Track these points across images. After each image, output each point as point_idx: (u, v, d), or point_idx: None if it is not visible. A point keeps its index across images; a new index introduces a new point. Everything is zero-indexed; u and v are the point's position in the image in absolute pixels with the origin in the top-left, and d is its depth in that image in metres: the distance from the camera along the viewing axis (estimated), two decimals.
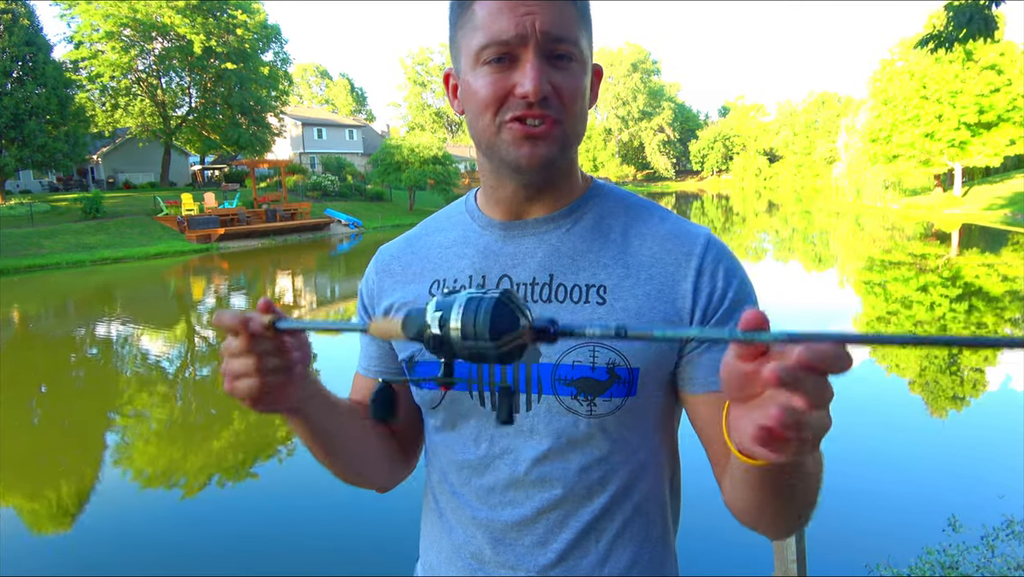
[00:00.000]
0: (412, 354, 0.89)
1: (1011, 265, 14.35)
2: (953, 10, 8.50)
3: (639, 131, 76.54)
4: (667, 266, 0.82)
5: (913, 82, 30.95)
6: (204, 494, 4.90)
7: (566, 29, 0.76)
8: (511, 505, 0.85)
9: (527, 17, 0.74)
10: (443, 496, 0.91)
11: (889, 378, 7.11)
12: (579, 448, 0.82)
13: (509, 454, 0.84)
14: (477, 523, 0.87)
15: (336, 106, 68.91)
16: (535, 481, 0.83)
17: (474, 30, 0.77)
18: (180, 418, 6.73)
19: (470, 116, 0.81)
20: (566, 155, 0.81)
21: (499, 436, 0.85)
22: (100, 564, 3.90)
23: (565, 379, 0.80)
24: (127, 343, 10.30)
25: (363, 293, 0.99)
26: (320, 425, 0.82)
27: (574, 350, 0.80)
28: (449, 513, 0.91)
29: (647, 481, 0.86)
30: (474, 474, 0.87)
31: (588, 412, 0.80)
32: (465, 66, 0.80)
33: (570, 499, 0.83)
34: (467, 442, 0.87)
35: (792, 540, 2.18)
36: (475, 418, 0.86)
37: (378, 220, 29.00)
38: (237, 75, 33.17)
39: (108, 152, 35.49)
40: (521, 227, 0.87)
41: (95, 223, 23.09)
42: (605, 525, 0.84)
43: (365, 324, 0.65)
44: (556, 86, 0.76)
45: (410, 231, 1.00)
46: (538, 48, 0.75)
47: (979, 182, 33.66)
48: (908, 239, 20.93)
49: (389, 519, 4.06)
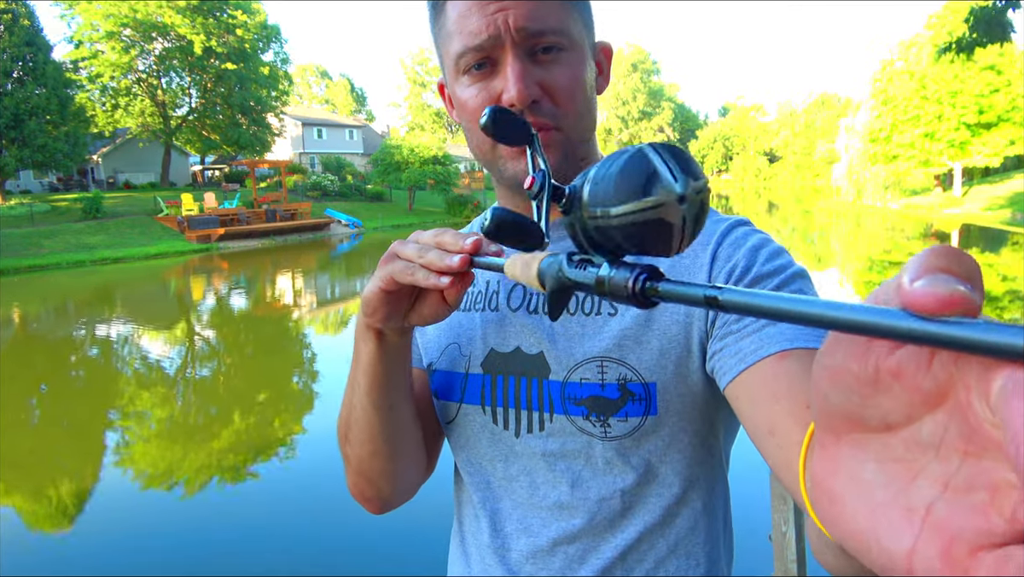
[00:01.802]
0: (431, 362, 0.85)
1: (1011, 265, 14.36)
2: (973, 16, 8.52)
3: (639, 131, 76.56)
4: (683, 260, 0.72)
5: (913, 82, 30.99)
6: (204, 494, 4.90)
7: (546, 18, 0.67)
8: (527, 533, 0.78)
9: (499, 15, 0.66)
10: (465, 520, 0.87)
11: None
12: (598, 474, 0.74)
13: (524, 476, 0.78)
14: (493, 552, 0.81)
15: (336, 106, 68.93)
16: (552, 508, 0.76)
17: (449, 35, 0.70)
18: (180, 418, 6.73)
19: (465, 131, 0.76)
20: (571, 160, 0.72)
21: (514, 457, 0.78)
22: (100, 564, 3.90)
23: (575, 398, 0.73)
24: (127, 343, 10.30)
25: None
26: (397, 366, 0.72)
27: (581, 366, 0.72)
28: (469, 538, 0.85)
29: (686, 517, 0.76)
30: (491, 498, 0.81)
31: (603, 434, 0.72)
32: (449, 76, 0.74)
33: (590, 531, 0.75)
34: (484, 462, 0.81)
35: (792, 540, 2.18)
36: (488, 436, 0.80)
37: (378, 220, 28.99)
38: (237, 75, 33.18)
39: (108, 152, 35.50)
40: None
41: (95, 223, 23.09)
42: (633, 564, 0.75)
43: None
44: (546, 85, 0.68)
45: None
46: (516, 47, 0.67)
47: (978, 182, 33.66)
48: (908, 239, 20.94)
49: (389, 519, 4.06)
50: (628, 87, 74.08)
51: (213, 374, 8.47)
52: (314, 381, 7.90)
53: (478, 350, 0.81)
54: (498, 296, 0.82)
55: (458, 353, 0.82)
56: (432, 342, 0.86)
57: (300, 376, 8.24)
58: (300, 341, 10.24)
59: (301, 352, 9.54)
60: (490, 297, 0.82)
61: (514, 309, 0.79)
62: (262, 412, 6.67)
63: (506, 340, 0.79)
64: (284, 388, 7.59)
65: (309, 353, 9.43)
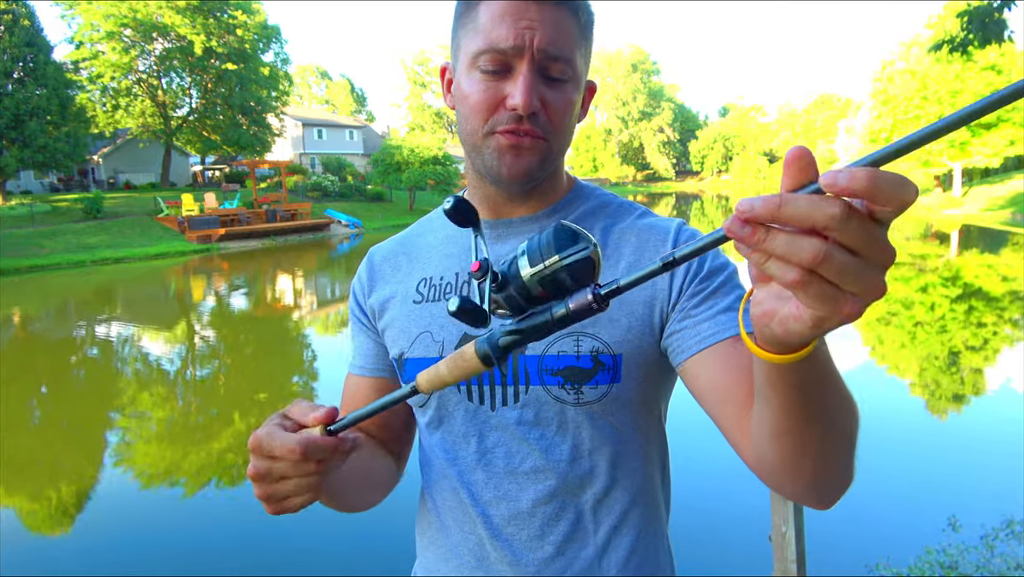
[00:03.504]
0: (402, 352, 0.90)
1: (1011, 265, 14.35)
2: (967, 15, 8.51)
3: (639, 132, 76.55)
4: (646, 252, 0.84)
5: (914, 82, 30.97)
6: (205, 494, 4.90)
7: (563, 47, 0.77)
8: (506, 499, 0.85)
9: (527, 31, 0.74)
10: (439, 495, 0.91)
11: (889, 378, 7.11)
12: (568, 437, 0.83)
13: (500, 447, 0.85)
14: (473, 520, 0.87)
15: (336, 107, 68.94)
16: (528, 472, 0.84)
17: (475, 32, 0.77)
18: (180, 418, 6.73)
19: (460, 117, 0.82)
20: (547, 167, 0.83)
21: (489, 430, 0.85)
22: (100, 564, 3.90)
23: (551, 369, 0.81)
24: (127, 344, 10.30)
25: (355, 293, 1.00)
26: (338, 484, 0.79)
27: (559, 340, 0.81)
28: (446, 512, 0.91)
29: (640, 471, 0.87)
30: (467, 470, 0.87)
31: (575, 400, 0.81)
32: (461, 65, 0.80)
33: (564, 489, 0.84)
34: (458, 439, 0.87)
35: (792, 540, 2.18)
36: (463, 413, 0.86)
37: (378, 220, 28.99)
38: (237, 75, 33.20)
39: (109, 152, 35.52)
40: (506, 226, 0.89)
41: (96, 223, 23.11)
42: (602, 516, 0.85)
43: (412, 385, 0.63)
44: (546, 103, 0.78)
45: (402, 232, 1.01)
46: (533, 63, 0.76)
47: (978, 183, 33.66)
48: (908, 239, 20.92)
49: (389, 519, 4.06)
50: (628, 87, 74.00)
51: (213, 374, 8.47)
52: (314, 381, 7.90)
53: (451, 335, 0.86)
54: (469, 285, 0.88)
55: (431, 340, 0.88)
56: (401, 333, 0.91)
57: (300, 376, 8.24)
58: (300, 341, 10.25)
59: (301, 352, 9.54)
60: (460, 287, 0.88)
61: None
62: (262, 412, 6.67)
63: None
64: (284, 388, 7.59)
65: (309, 353, 9.44)
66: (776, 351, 0.50)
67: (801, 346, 0.49)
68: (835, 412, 0.59)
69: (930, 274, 13.67)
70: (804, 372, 0.53)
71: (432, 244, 0.94)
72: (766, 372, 0.55)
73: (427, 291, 0.90)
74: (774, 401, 0.57)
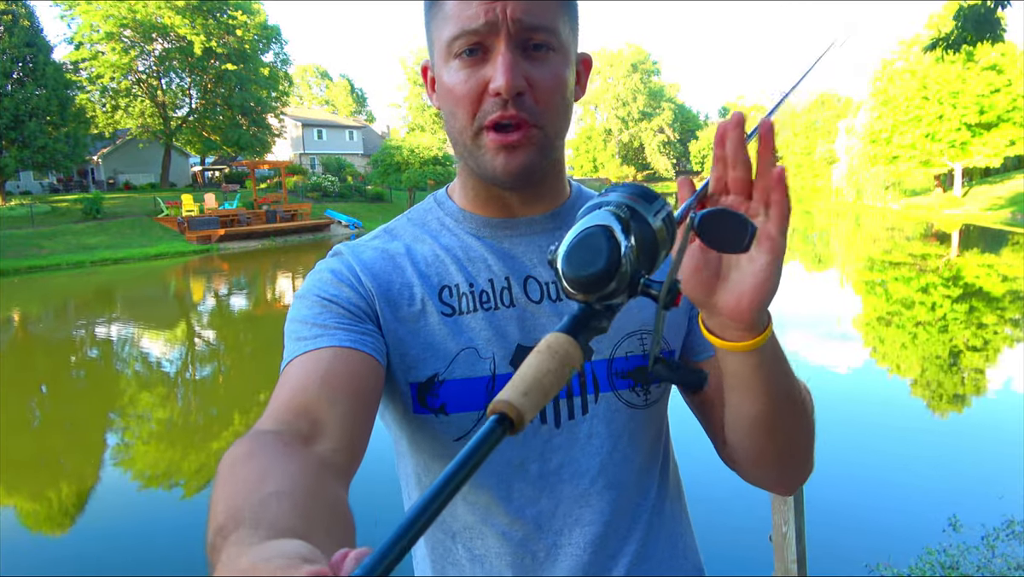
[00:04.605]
0: (435, 373, 0.75)
1: (1012, 265, 14.35)
2: (961, 13, 8.51)
3: (639, 132, 76.53)
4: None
5: (914, 82, 30.97)
6: (204, 494, 4.90)
7: (542, 16, 0.69)
8: (579, 524, 0.77)
9: (498, 4, 0.67)
10: (478, 541, 0.79)
11: (890, 379, 7.11)
12: (637, 442, 0.80)
13: (567, 467, 0.77)
14: (535, 555, 0.78)
15: (336, 107, 68.95)
16: (601, 490, 0.78)
17: (445, 20, 0.71)
18: (180, 419, 6.73)
19: (445, 114, 0.75)
20: (547, 157, 0.74)
21: (551, 451, 0.76)
22: (100, 564, 3.90)
23: (622, 372, 0.78)
24: (127, 344, 10.30)
25: (344, 280, 0.76)
26: None
27: (624, 341, 0.78)
28: (494, 559, 0.79)
29: (671, 461, 0.89)
30: (527, 503, 0.77)
31: (644, 402, 0.79)
32: (438, 60, 0.74)
33: (632, 498, 0.81)
34: (512, 469, 0.77)
35: (792, 540, 2.18)
36: (518, 438, 0.73)
37: (378, 221, 28.90)
38: (237, 76, 33.19)
39: (108, 153, 35.51)
40: (528, 224, 0.80)
41: (95, 224, 23.11)
42: (659, 511, 0.84)
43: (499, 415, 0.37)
44: (532, 81, 0.70)
45: (374, 247, 0.81)
46: (510, 38, 0.68)
47: (979, 182, 33.66)
48: (908, 239, 20.93)
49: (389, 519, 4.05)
50: (628, 88, 74.03)
51: (213, 374, 8.47)
52: None
53: (502, 349, 0.76)
54: (510, 291, 0.78)
55: (476, 357, 0.76)
56: (429, 351, 0.76)
57: None
58: None
59: None
60: (500, 294, 0.78)
61: (536, 301, 0.78)
62: (262, 412, 6.67)
63: (531, 333, 0.77)
64: None
65: None
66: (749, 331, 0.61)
67: (763, 327, 0.60)
68: (791, 385, 0.67)
69: (931, 274, 13.67)
70: (764, 351, 0.61)
71: (437, 253, 0.80)
72: (736, 364, 0.62)
73: (458, 301, 0.77)
74: (746, 390, 0.65)
